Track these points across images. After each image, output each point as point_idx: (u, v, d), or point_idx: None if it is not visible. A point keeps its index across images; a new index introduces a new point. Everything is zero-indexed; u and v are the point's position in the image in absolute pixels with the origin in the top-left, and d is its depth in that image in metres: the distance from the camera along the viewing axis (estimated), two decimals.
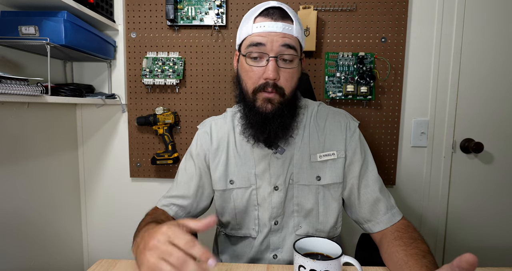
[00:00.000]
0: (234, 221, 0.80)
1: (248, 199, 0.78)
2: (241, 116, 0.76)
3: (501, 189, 1.28)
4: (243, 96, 0.74)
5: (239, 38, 0.74)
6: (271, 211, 0.77)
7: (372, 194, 0.75)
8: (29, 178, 1.07)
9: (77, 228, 1.37)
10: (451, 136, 1.25)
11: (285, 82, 0.69)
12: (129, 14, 1.25)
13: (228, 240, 0.84)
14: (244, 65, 0.71)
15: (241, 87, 0.74)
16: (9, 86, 0.73)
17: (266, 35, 0.68)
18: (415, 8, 1.21)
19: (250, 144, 0.77)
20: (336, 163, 0.76)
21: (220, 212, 0.82)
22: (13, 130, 1.00)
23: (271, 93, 0.69)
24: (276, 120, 0.70)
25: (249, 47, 0.69)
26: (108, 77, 1.28)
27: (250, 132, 0.74)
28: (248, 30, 0.70)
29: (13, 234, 1.01)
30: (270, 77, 0.67)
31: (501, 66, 1.23)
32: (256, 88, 0.70)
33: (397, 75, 1.22)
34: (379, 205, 0.74)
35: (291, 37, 0.69)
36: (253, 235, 0.79)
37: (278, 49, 0.67)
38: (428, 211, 1.30)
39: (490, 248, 1.31)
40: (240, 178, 0.78)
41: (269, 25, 0.68)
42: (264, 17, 0.69)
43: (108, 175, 1.36)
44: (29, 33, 0.91)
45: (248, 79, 0.71)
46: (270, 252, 0.79)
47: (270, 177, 0.77)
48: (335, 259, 0.51)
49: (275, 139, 0.73)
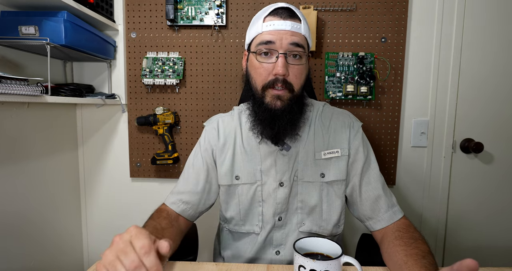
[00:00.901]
0: (238, 216, 0.80)
1: (253, 195, 0.79)
2: (250, 113, 0.77)
3: (501, 188, 1.28)
4: (252, 94, 0.75)
5: (249, 38, 0.76)
6: (275, 207, 0.78)
7: (373, 191, 0.76)
8: (29, 178, 1.07)
9: (77, 228, 1.37)
10: (451, 136, 1.25)
11: (294, 78, 0.71)
12: (129, 14, 1.25)
13: (231, 236, 0.85)
14: (254, 62, 0.73)
15: (251, 85, 0.75)
16: (9, 86, 0.73)
17: (275, 33, 0.69)
18: (415, 8, 1.21)
19: (257, 140, 0.78)
20: (340, 161, 0.77)
21: (224, 207, 0.83)
22: (13, 130, 1.00)
23: (280, 90, 0.70)
24: (285, 116, 0.71)
25: (259, 45, 0.71)
26: (108, 77, 1.28)
27: (259, 129, 0.75)
28: (258, 29, 0.72)
29: (14, 234, 1.01)
30: (280, 73, 0.68)
31: (501, 66, 1.23)
32: (265, 84, 0.71)
33: (397, 75, 1.22)
34: (380, 203, 0.75)
35: (300, 35, 0.71)
36: (257, 231, 0.79)
37: (287, 47, 0.69)
38: (428, 211, 1.30)
39: (490, 247, 1.31)
40: (246, 173, 0.79)
41: (278, 23, 0.70)
42: (273, 16, 0.71)
43: (108, 174, 1.36)
44: (29, 33, 0.91)
45: (258, 76, 0.72)
46: (273, 248, 0.80)
47: (276, 173, 0.77)
48: (335, 259, 0.51)
49: (284, 135, 0.74)
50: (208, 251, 1.29)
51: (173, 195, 0.81)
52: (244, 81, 0.79)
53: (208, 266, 0.65)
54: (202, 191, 0.81)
